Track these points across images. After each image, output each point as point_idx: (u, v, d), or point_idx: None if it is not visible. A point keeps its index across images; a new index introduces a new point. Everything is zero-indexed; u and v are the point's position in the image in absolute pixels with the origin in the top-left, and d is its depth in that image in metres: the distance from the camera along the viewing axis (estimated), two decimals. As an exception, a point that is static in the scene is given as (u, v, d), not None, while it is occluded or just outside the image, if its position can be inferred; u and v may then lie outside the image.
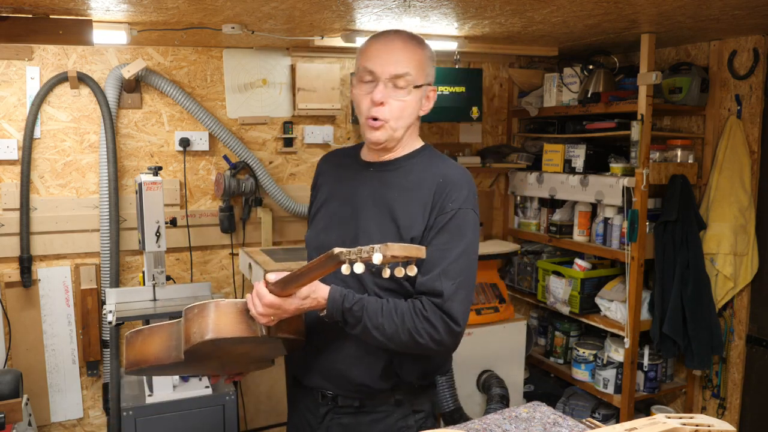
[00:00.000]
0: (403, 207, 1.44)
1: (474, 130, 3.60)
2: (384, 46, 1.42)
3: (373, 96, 1.40)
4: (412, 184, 1.47)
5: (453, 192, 1.43)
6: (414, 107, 1.45)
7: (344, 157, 1.64)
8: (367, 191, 1.50)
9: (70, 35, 2.20)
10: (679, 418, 1.22)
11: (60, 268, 2.88)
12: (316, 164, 1.71)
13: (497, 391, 2.99)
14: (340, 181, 1.57)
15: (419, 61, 1.42)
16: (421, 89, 1.45)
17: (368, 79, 1.42)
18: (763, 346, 2.85)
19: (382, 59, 1.40)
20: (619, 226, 2.96)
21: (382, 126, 1.43)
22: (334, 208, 1.54)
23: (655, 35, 2.71)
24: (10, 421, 2.24)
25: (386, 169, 1.52)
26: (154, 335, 1.39)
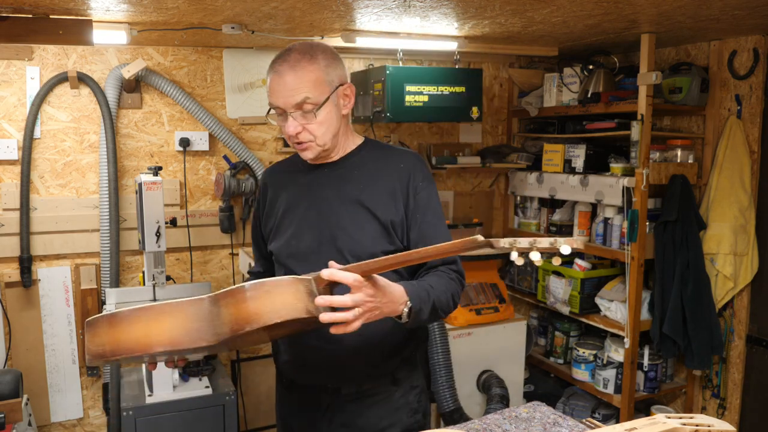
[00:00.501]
0: (372, 196, 1.50)
1: (474, 130, 3.60)
2: (278, 79, 1.44)
3: (286, 130, 1.46)
4: (374, 174, 1.54)
5: (417, 173, 1.54)
6: (330, 118, 1.48)
7: (289, 166, 1.67)
8: (328, 191, 1.54)
9: (70, 35, 2.20)
10: (679, 418, 1.22)
11: (60, 268, 2.88)
12: (260, 181, 1.73)
13: (497, 391, 2.99)
14: (296, 188, 1.59)
15: (314, 79, 1.43)
16: (330, 101, 1.46)
17: (279, 112, 1.48)
18: (763, 346, 2.85)
19: (280, 94, 1.44)
20: (619, 226, 2.96)
21: (308, 145, 1.49)
22: (299, 214, 1.55)
23: (655, 35, 2.71)
24: (10, 421, 2.24)
25: (340, 166, 1.57)
26: (163, 317, 1.23)
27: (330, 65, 1.47)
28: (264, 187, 1.68)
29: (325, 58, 1.47)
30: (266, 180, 1.69)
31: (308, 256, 1.51)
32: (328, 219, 1.51)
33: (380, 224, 1.49)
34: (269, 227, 1.62)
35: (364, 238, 1.48)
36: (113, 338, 1.20)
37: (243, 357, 3.19)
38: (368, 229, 1.49)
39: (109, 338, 1.20)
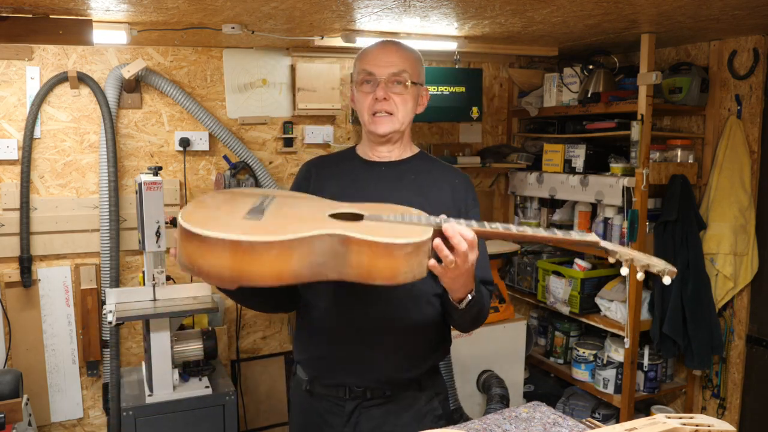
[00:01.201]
0: (427, 203, 1.49)
1: (474, 130, 3.60)
2: (381, 50, 1.56)
3: (375, 93, 1.52)
4: (430, 182, 1.58)
5: (469, 192, 1.61)
6: (413, 103, 1.57)
7: (339, 160, 1.68)
8: (383, 189, 1.56)
9: (70, 35, 2.20)
10: (679, 418, 1.22)
11: (60, 268, 2.88)
12: (301, 170, 1.69)
13: (497, 391, 2.99)
14: (348, 179, 1.60)
15: (413, 61, 1.56)
16: (417, 87, 1.57)
17: (368, 80, 1.54)
18: (763, 346, 2.85)
19: (380, 61, 1.53)
20: (619, 226, 2.96)
21: (387, 118, 1.54)
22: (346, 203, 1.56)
23: (655, 35, 2.71)
24: (10, 421, 2.24)
25: (398, 167, 1.60)
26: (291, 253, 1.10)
27: (422, 65, 1.62)
28: (306, 175, 1.67)
29: (419, 58, 1.61)
30: (311, 168, 1.68)
31: None
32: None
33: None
34: None
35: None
36: (237, 266, 1.08)
37: (243, 357, 3.19)
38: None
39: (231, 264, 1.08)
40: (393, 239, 1.14)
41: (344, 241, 1.14)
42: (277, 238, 1.08)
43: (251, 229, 1.11)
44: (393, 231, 1.18)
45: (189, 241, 1.09)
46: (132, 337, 3.05)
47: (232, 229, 1.09)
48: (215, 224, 1.11)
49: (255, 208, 1.22)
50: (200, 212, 1.19)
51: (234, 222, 1.15)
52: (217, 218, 1.17)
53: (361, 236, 1.13)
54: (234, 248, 1.06)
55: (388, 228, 1.20)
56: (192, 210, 1.18)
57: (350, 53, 3.17)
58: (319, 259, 1.13)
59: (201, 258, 1.08)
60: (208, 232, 1.07)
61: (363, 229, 1.17)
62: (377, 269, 1.14)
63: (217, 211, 1.22)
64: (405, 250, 1.14)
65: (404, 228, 1.21)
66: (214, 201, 1.28)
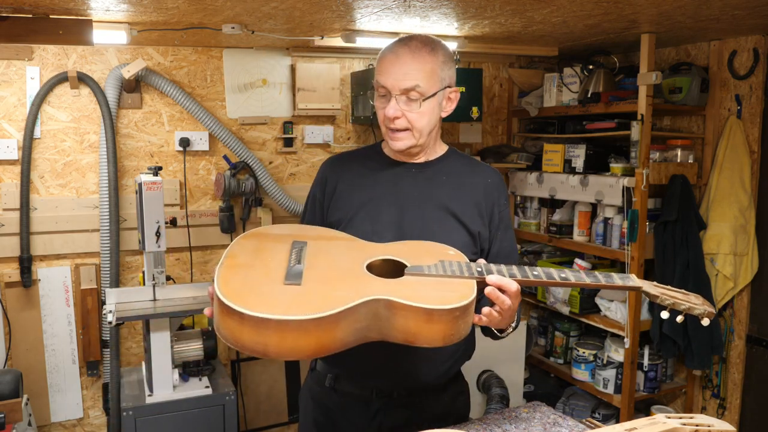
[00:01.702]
0: (460, 205, 1.48)
1: (474, 130, 3.60)
2: (393, 59, 1.42)
3: (386, 112, 1.43)
4: (461, 183, 1.52)
5: (502, 191, 1.56)
6: (431, 114, 1.46)
7: (364, 159, 1.59)
8: (414, 192, 1.49)
9: (70, 35, 2.20)
10: (679, 418, 1.22)
11: (60, 268, 2.88)
12: (321, 170, 1.61)
13: (497, 391, 2.99)
14: (375, 182, 1.52)
15: (430, 70, 1.42)
16: (436, 96, 1.45)
17: (382, 93, 1.44)
18: (763, 346, 2.85)
19: (391, 74, 1.41)
20: (619, 226, 2.96)
21: (402, 134, 1.45)
22: (380, 210, 1.48)
23: (655, 35, 2.71)
24: (10, 421, 2.24)
25: (428, 169, 1.53)
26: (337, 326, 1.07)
27: (446, 63, 1.46)
28: (324, 176, 1.58)
29: (444, 54, 1.46)
30: (331, 169, 1.59)
31: None
32: (413, 221, 1.46)
33: (468, 233, 1.47)
34: (337, 218, 1.51)
35: (450, 244, 1.40)
36: (283, 343, 1.04)
37: (243, 357, 3.19)
38: (456, 237, 1.45)
39: (277, 341, 1.04)
40: (441, 305, 1.10)
41: (390, 305, 1.11)
42: (324, 313, 1.04)
43: (295, 302, 1.07)
44: (437, 288, 1.14)
45: (229, 317, 1.05)
46: (132, 337, 3.05)
47: (277, 304, 1.06)
48: (257, 296, 1.07)
49: (292, 269, 1.16)
50: (236, 278, 1.12)
51: (275, 291, 1.10)
52: (256, 285, 1.11)
53: (408, 302, 1.10)
54: (281, 327, 1.03)
55: (431, 285, 1.16)
56: (227, 275, 1.12)
57: (350, 53, 3.17)
58: (363, 324, 1.11)
59: (245, 335, 1.04)
60: (253, 313, 1.02)
61: (407, 290, 1.13)
62: (423, 334, 1.11)
63: (252, 271, 1.16)
64: (453, 315, 1.11)
65: (448, 284, 1.16)
66: (243, 253, 1.21)
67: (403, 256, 1.25)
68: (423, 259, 1.24)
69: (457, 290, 1.15)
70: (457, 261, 1.24)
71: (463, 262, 1.24)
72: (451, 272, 1.19)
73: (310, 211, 1.61)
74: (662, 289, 1.27)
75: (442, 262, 1.23)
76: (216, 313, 1.09)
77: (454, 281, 1.18)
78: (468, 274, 1.20)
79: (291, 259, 1.20)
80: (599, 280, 1.24)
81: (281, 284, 1.12)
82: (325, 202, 1.56)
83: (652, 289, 1.26)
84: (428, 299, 1.10)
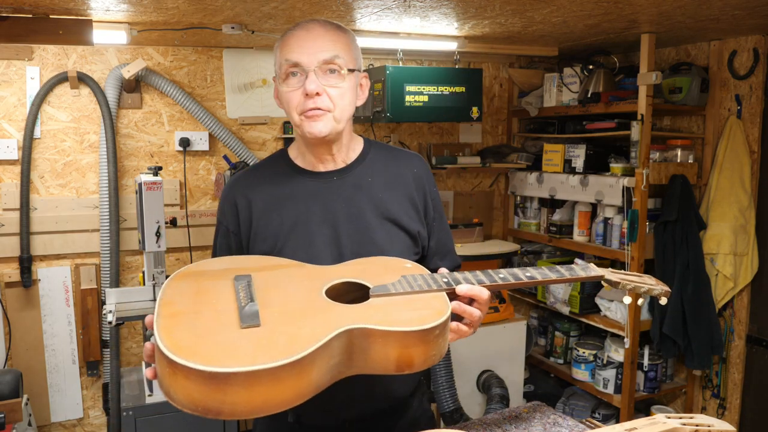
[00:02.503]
0: (394, 207, 1.36)
1: (474, 130, 3.60)
2: (304, 34, 1.28)
3: (306, 87, 1.25)
4: (389, 181, 1.39)
5: (429, 179, 1.45)
6: (352, 94, 1.31)
7: (274, 175, 1.38)
8: (342, 203, 1.34)
9: (70, 35, 2.20)
10: (679, 418, 1.22)
11: (60, 268, 2.88)
12: (226, 196, 1.39)
13: (497, 391, 2.99)
14: (296, 200, 1.33)
15: (345, 44, 1.30)
16: (354, 75, 1.31)
17: (294, 71, 1.27)
18: (763, 346, 2.85)
19: (306, 47, 1.26)
20: (619, 226, 2.96)
21: (323, 115, 1.27)
22: (311, 232, 1.31)
23: (655, 35, 2.71)
24: (10, 421, 2.24)
25: (350, 173, 1.37)
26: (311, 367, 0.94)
27: (356, 46, 1.34)
28: (233, 204, 1.36)
29: (352, 37, 1.35)
30: (239, 193, 1.37)
31: None
32: (350, 236, 1.32)
33: (409, 236, 1.37)
34: (263, 250, 1.32)
35: (394, 253, 1.32)
36: (255, 398, 0.89)
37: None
38: (397, 243, 1.35)
39: (248, 398, 0.88)
40: (419, 326, 1.01)
41: (365, 334, 1.00)
42: (298, 355, 0.90)
43: (261, 348, 0.92)
44: (410, 308, 1.06)
45: (182, 376, 0.87)
46: (132, 337, 3.05)
47: (240, 354, 0.90)
48: (212, 346, 0.91)
49: (245, 310, 1.00)
50: (180, 326, 0.95)
51: (233, 337, 0.94)
52: (207, 333, 0.94)
53: (384, 327, 1.00)
54: (250, 381, 0.87)
55: (402, 305, 1.07)
56: (168, 326, 0.94)
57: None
58: (338, 359, 0.99)
59: (205, 396, 0.87)
60: (212, 369, 0.85)
61: (379, 314, 1.03)
62: (405, 359, 1.02)
63: (199, 317, 0.98)
64: (433, 334, 1.03)
65: (419, 301, 1.09)
66: (181, 298, 1.03)
67: (361, 277, 1.15)
68: (383, 277, 1.14)
69: (430, 306, 1.07)
70: (419, 274, 1.16)
71: (425, 274, 1.17)
72: (417, 287, 1.12)
73: (224, 246, 1.39)
74: (621, 275, 1.30)
75: (405, 277, 1.14)
76: (162, 374, 0.90)
77: (424, 297, 1.10)
78: (436, 286, 1.13)
79: (240, 297, 1.03)
80: (563, 274, 1.25)
81: (237, 329, 0.96)
82: (242, 233, 1.35)
83: (612, 276, 1.28)
84: (405, 321, 1.02)
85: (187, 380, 0.86)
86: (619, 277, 1.29)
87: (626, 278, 1.29)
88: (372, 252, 1.30)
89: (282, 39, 1.31)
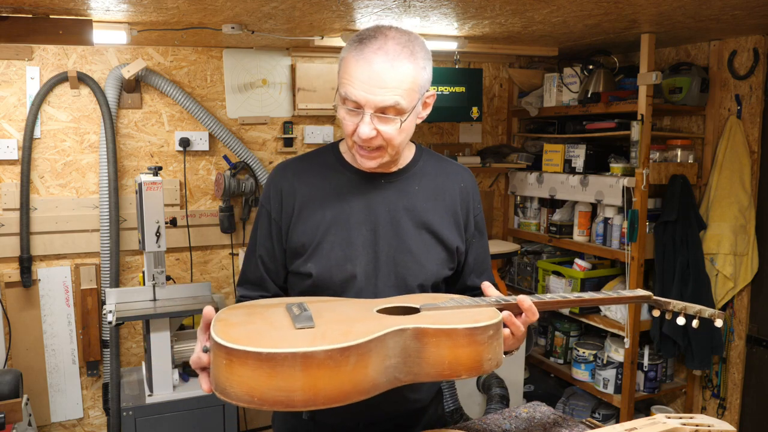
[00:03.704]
0: (436, 218, 1.34)
1: (474, 130, 3.61)
2: (366, 68, 1.16)
3: (359, 132, 1.19)
4: (435, 192, 1.37)
5: (475, 195, 1.43)
6: (409, 127, 1.25)
7: (322, 167, 1.36)
8: (385, 206, 1.31)
9: (70, 35, 2.20)
10: (679, 418, 1.22)
11: (60, 268, 2.88)
12: (273, 182, 1.36)
13: (497, 391, 2.99)
14: (340, 198, 1.31)
15: (411, 82, 1.19)
16: (415, 109, 1.24)
17: (351, 107, 1.20)
18: (763, 346, 2.85)
19: (363, 86, 1.16)
20: (619, 226, 2.96)
21: (377, 155, 1.25)
22: (351, 232, 1.30)
23: (655, 35, 2.71)
24: (10, 421, 2.24)
25: (398, 178, 1.34)
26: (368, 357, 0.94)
27: (425, 66, 1.23)
28: (279, 190, 1.34)
29: (424, 56, 1.22)
30: (285, 181, 1.34)
31: (362, 283, 1.29)
32: (387, 241, 1.30)
33: (446, 249, 1.35)
34: (302, 243, 1.31)
35: (429, 264, 1.32)
36: (312, 385, 0.88)
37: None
38: (434, 254, 1.33)
39: (304, 384, 0.87)
40: (474, 324, 1.01)
41: (419, 334, 1.00)
42: (354, 342, 0.91)
43: (317, 338, 0.92)
44: (462, 315, 1.07)
45: (240, 364, 0.87)
46: (132, 337, 3.05)
47: (296, 342, 0.90)
48: (269, 339, 0.92)
49: (298, 317, 1.01)
50: (236, 330, 0.96)
51: (289, 335, 0.94)
52: (263, 333, 0.96)
53: (438, 326, 1.00)
54: (308, 363, 0.87)
55: (454, 314, 1.08)
56: (224, 330, 0.95)
57: (350, 53, 3.16)
58: (393, 361, 0.99)
59: (263, 382, 0.87)
60: (272, 350, 0.86)
61: (431, 319, 1.04)
62: (460, 360, 1.02)
63: (253, 326, 0.99)
64: (487, 333, 1.03)
65: (470, 312, 1.09)
66: (239, 318, 1.03)
67: (410, 302, 1.16)
68: (432, 301, 1.16)
69: (482, 313, 1.08)
70: (468, 298, 1.18)
71: (475, 298, 1.18)
72: (467, 303, 1.13)
73: (264, 234, 1.37)
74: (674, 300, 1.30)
75: (454, 298, 1.16)
76: (219, 368, 0.91)
77: (474, 308, 1.12)
78: (485, 303, 1.14)
79: (293, 313, 1.04)
80: (610, 295, 1.29)
81: (293, 329, 0.97)
82: (283, 221, 1.33)
83: (661, 299, 1.27)
84: (458, 323, 1.02)
85: (244, 367, 0.87)
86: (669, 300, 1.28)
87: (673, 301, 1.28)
88: (407, 259, 1.30)
89: (347, 55, 1.21)
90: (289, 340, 0.91)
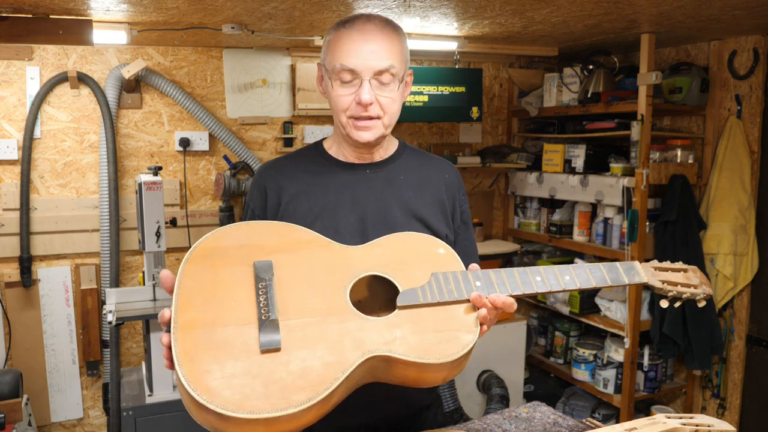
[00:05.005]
0: (424, 207, 1.37)
1: (474, 130, 3.60)
2: (360, 38, 1.25)
3: (360, 98, 1.25)
4: (421, 182, 1.40)
5: (460, 186, 1.46)
6: (400, 100, 1.32)
7: (306, 163, 1.40)
8: (373, 196, 1.35)
9: (70, 35, 2.20)
10: (679, 418, 1.22)
11: (60, 268, 2.88)
12: (257, 181, 1.40)
13: (497, 391, 3.00)
14: (327, 189, 1.35)
15: (399, 49, 1.28)
16: (404, 79, 1.32)
17: (348, 78, 1.26)
18: (763, 346, 2.85)
19: (359, 54, 1.24)
20: (619, 226, 2.96)
21: (373, 125, 1.29)
22: (339, 222, 1.32)
23: (655, 35, 2.71)
24: (10, 421, 2.24)
25: (383, 168, 1.38)
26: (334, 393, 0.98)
27: (406, 45, 1.32)
28: (263, 188, 1.38)
29: (404, 35, 1.32)
30: (269, 178, 1.38)
31: None
32: (376, 228, 1.31)
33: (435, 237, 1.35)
34: None
35: None
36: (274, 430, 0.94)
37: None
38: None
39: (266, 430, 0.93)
40: (441, 359, 1.03)
41: (387, 360, 1.03)
42: (320, 396, 0.94)
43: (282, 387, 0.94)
44: (437, 329, 1.07)
45: (206, 413, 0.91)
46: (132, 337, 3.05)
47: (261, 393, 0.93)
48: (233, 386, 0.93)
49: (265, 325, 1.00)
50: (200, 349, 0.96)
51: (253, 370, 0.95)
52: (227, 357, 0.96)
53: (407, 357, 1.02)
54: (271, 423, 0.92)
55: (430, 324, 1.07)
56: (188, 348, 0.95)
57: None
58: (357, 379, 1.04)
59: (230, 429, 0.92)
60: (235, 414, 0.90)
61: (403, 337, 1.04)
62: (425, 380, 1.08)
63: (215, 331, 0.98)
64: (458, 362, 1.06)
65: (448, 322, 1.08)
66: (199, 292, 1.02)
67: (389, 269, 1.14)
68: (413, 271, 1.13)
69: (458, 328, 1.08)
70: (452, 272, 1.15)
71: (458, 273, 1.15)
72: (448, 292, 1.11)
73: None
74: (665, 275, 1.25)
75: (436, 275, 1.13)
76: (187, 401, 0.95)
77: (452, 313, 1.10)
78: (468, 295, 1.12)
79: (260, 305, 1.02)
80: (604, 278, 1.19)
81: (257, 354, 0.97)
82: (269, 218, 1.37)
83: (656, 283, 1.23)
84: (428, 351, 1.03)
85: (206, 414, 0.91)
86: (661, 278, 1.24)
87: (669, 279, 1.24)
88: None
89: (335, 35, 1.28)
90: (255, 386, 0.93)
